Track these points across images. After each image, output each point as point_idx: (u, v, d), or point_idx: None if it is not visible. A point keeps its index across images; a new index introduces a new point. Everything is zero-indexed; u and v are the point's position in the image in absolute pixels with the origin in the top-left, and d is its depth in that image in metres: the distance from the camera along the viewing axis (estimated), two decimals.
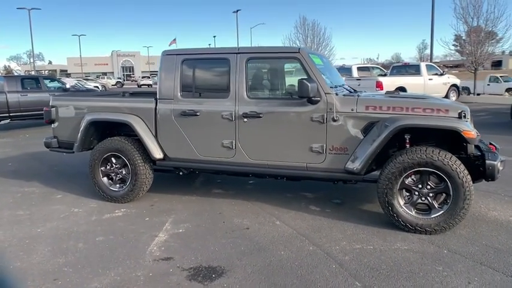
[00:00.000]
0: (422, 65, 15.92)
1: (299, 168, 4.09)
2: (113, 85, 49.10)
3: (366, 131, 3.83)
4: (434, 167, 3.51)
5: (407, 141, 3.80)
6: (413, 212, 3.67)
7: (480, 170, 3.69)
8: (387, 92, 4.67)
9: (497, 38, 18.93)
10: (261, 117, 4.11)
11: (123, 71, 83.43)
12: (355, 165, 3.80)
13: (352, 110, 3.86)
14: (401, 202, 3.68)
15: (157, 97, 4.57)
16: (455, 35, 20.24)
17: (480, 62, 18.57)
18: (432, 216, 3.60)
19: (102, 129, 4.97)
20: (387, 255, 3.25)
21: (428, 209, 3.65)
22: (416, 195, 3.66)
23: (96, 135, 4.96)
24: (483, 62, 18.99)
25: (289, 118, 4.05)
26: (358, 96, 4.04)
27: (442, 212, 3.57)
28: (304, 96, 3.83)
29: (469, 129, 3.47)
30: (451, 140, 3.79)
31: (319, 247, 3.45)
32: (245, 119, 4.16)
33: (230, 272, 3.06)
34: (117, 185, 4.80)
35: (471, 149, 3.68)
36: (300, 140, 4.03)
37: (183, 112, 4.38)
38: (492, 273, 2.94)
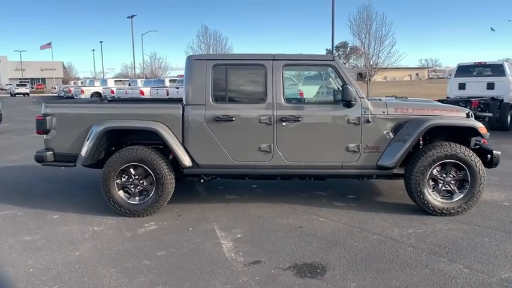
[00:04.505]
0: None
1: (335, 167, 4.41)
2: None
3: (395, 130, 4.35)
4: (457, 158, 4.19)
5: (420, 138, 4.44)
6: (439, 198, 4.31)
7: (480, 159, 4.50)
8: (396, 97, 5.32)
9: (360, 53, 22.27)
10: (299, 120, 4.32)
11: None
12: (389, 161, 4.28)
13: (383, 112, 4.35)
14: (430, 190, 4.29)
15: (184, 103, 4.43)
16: (326, 49, 23.38)
17: (372, 74, 21.42)
18: (454, 200, 4.28)
19: (113, 139, 4.57)
20: (440, 235, 3.79)
21: (450, 194, 4.32)
22: (441, 183, 4.30)
23: (106, 145, 4.53)
24: (375, 73, 21.95)
25: (327, 121, 4.36)
26: (380, 100, 4.56)
27: (462, 195, 4.27)
28: (347, 100, 4.19)
29: (483, 127, 4.26)
30: (456, 136, 4.54)
31: (380, 235, 3.83)
32: (283, 123, 4.32)
33: (329, 265, 3.23)
34: (137, 198, 4.46)
35: (473, 143, 4.50)
36: (337, 140, 4.36)
37: (217, 117, 4.33)
38: None
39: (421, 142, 4.45)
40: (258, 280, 3.02)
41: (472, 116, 4.45)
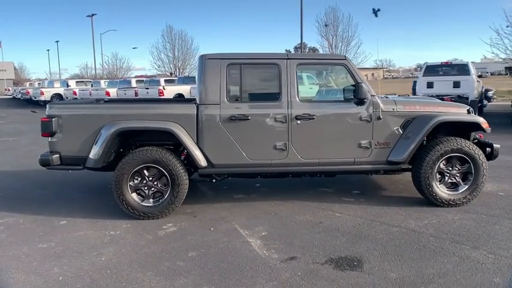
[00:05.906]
0: None
1: (347, 163, 4.53)
2: None
3: (404, 127, 4.53)
4: (463, 152, 4.44)
5: None
6: (446, 190, 4.54)
7: None
8: (399, 95, 5.53)
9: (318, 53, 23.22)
10: (314, 118, 4.40)
11: None
12: (400, 157, 4.46)
13: (393, 109, 4.52)
14: (437, 183, 4.52)
15: (198, 102, 4.38)
16: (286, 50, 24.14)
17: None
18: (460, 191, 4.53)
19: (123, 140, 4.43)
20: (454, 225, 4.00)
21: (455, 186, 4.57)
22: (447, 176, 4.54)
23: (116, 147, 4.39)
24: None
25: (340, 118, 4.47)
26: (388, 98, 4.74)
27: (467, 187, 4.53)
28: (361, 98, 4.32)
29: (486, 122, 4.54)
30: (457, 131, 4.80)
31: (399, 227, 3.99)
32: (298, 121, 4.39)
33: (364, 257, 3.33)
34: (151, 200, 4.36)
35: (472, 137, 4.78)
36: (350, 137, 4.48)
37: (232, 117, 4.32)
38: None
39: (425, 138, 4.67)
40: (301, 275, 3.06)
41: (472, 112, 4.73)
